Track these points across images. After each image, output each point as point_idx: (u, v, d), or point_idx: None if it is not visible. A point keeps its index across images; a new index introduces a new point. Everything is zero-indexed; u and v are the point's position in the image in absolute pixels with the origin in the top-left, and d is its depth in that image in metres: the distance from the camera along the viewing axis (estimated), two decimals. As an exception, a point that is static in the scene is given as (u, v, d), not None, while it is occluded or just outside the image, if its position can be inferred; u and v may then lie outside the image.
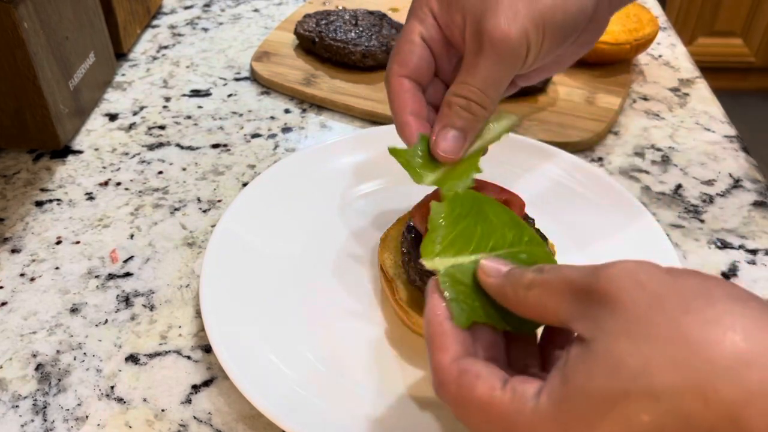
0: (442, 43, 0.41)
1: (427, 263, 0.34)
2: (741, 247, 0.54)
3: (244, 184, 0.60)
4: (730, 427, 0.22)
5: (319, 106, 0.71)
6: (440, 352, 0.30)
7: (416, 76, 0.41)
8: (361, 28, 0.76)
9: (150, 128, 0.67)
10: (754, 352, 0.22)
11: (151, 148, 0.65)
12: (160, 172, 0.62)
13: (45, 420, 0.42)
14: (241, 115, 0.69)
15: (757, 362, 0.22)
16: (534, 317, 0.30)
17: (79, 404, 0.42)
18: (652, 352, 0.24)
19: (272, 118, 0.69)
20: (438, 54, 0.41)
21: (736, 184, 0.61)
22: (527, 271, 0.30)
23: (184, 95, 0.72)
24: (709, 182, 0.61)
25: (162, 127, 0.67)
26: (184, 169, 0.62)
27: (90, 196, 0.59)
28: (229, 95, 0.73)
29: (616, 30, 0.74)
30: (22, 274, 0.51)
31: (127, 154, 0.64)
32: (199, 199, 0.59)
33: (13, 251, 0.53)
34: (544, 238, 0.47)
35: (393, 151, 0.41)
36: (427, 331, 0.32)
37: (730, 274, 0.52)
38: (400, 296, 0.45)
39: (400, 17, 0.85)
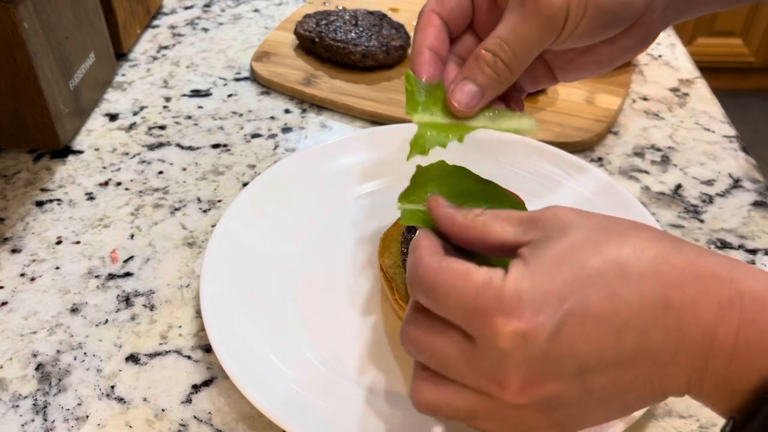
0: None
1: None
2: (741, 247, 0.54)
3: (245, 184, 0.60)
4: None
5: (319, 106, 0.71)
6: (421, 244, 0.33)
7: (448, 17, 0.41)
8: (361, 28, 0.76)
9: (150, 128, 0.67)
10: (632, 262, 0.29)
11: (151, 148, 0.65)
12: (161, 172, 0.62)
13: (45, 420, 0.42)
14: (241, 115, 0.69)
15: (632, 271, 0.29)
16: (476, 239, 0.33)
17: (79, 404, 0.42)
18: (594, 238, 0.30)
19: (272, 118, 0.69)
20: (479, 6, 0.42)
21: (736, 184, 0.61)
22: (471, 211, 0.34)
23: (184, 95, 0.72)
24: (709, 182, 0.61)
25: (162, 127, 0.67)
26: (184, 169, 0.62)
27: (90, 196, 0.59)
28: (230, 95, 0.73)
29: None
30: (22, 274, 0.51)
31: (127, 154, 0.64)
32: (199, 199, 0.59)
33: (14, 251, 0.53)
34: None
35: (408, 76, 0.41)
36: (416, 238, 0.34)
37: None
38: (400, 296, 0.45)
39: (400, 17, 0.85)
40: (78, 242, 0.54)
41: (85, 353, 0.46)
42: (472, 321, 0.29)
